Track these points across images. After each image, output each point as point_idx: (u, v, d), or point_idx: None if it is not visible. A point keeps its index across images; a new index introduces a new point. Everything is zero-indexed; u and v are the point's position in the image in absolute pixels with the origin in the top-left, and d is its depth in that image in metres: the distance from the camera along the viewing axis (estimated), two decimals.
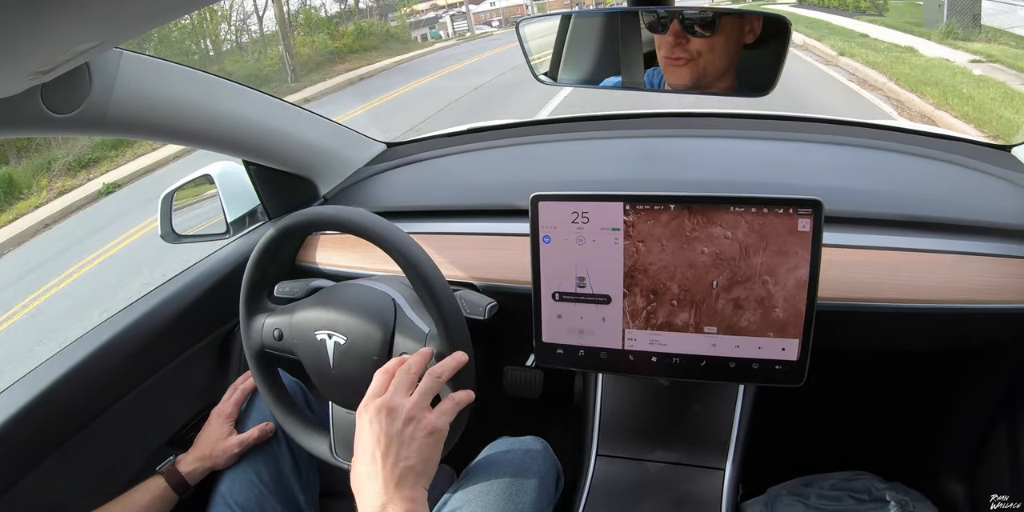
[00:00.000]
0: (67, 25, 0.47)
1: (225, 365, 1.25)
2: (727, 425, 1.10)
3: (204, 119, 1.01)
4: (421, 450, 0.72)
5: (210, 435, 1.05)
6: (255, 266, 0.95)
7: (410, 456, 0.71)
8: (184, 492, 1.00)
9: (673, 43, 0.85)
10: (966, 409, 1.26)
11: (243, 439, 1.03)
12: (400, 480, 0.70)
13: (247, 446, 1.03)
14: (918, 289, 0.92)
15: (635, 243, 0.89)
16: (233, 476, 1.02)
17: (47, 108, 0.75)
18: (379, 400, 0.75)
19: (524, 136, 1.40)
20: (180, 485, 0.99)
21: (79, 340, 1.03)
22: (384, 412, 0.73)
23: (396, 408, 0.73)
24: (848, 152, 1.19)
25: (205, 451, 1.03)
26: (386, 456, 0.71)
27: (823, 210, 0.82)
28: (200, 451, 1.03)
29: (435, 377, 0.77)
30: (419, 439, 0.72)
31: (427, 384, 0.76)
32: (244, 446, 1.03)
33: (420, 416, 0.74)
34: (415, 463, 0.71)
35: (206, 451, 1.03)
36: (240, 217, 1.31)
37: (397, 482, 0.69)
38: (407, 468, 0.70)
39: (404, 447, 0.71)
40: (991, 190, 1.06)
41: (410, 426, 0.72)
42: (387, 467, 0.70)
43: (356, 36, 16.90)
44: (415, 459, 0.71)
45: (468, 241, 1.12)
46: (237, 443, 1.03)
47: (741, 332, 0.89)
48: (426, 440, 0.73)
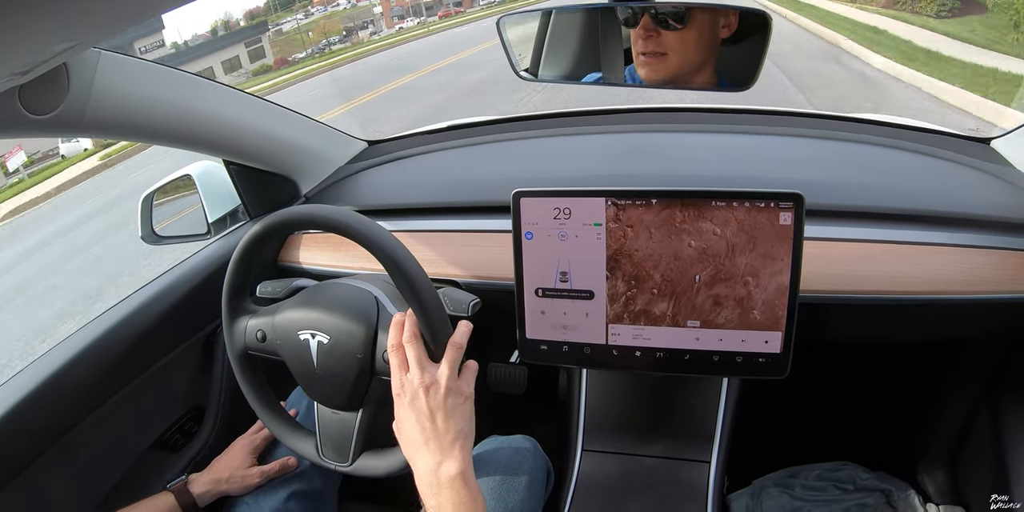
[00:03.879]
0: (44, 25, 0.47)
1: (209, 366, 1.24)
2: (712, 418, 1.10)
3: (184, 119, 1.00)
4: (464, 415, 0.78)
5: (231, 461, 1.04)
6: (237, 266, 0.94)
7: (458, 422, 0.77)
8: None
9: (644, 37, 0.85)
10: (949, 399, 1.28)
11: (265, 471, 1.03)
12: (452, 443, 0.76)
13: (267, 478, 1.03)
14: (899, 281, 0.93)
15: (623, 227, 0.88)
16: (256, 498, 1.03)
17: (25, 110, 0.74)
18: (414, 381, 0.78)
19: (505, 132, 1.40)
20: (190, 505, 0.98)
21: (60, 344, 1.02)
22: (423, 391, 0.77)
23: (434, 384, 0.78)
24: (829, 146, 1.19)
25: (222, 475, 1.02)
26: (435, 425, 0.76)
27: (804, 203, 0.82)
28: (216, 474, 1.02)
29: (458, 347, 0.81)
30: (460, 405, 0.78)
31: (452, 355, 0.80)
32: (265, 478, 1.03)
33: (457, 387, 0.79)
34: (462, 427, 0.77)
35: (222, 475, 1.02)
36: (221, 217, 1.29)
37: (450, 444, 0.75)
38: (457, 432, 0.76)
39: (451, 415, 0.77)
40: (971, 182, 1.07)
41: (450, 397, 0.77)
42: (440, 431, 0.76)
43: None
44: (462, 423, 0.77)
45: (450, 238, 1.11)
46: (258, 473, 1.03)
47: (719, 328, 0.89)
48: (465, 405, 0.79)
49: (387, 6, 40.51)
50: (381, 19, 40.02)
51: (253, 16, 42.60)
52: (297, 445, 0.97)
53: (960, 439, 1.26)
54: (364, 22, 39.75)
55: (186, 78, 0.99)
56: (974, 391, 1.21)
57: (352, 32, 39.64)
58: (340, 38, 38.41)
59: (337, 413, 0.93)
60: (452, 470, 0.74)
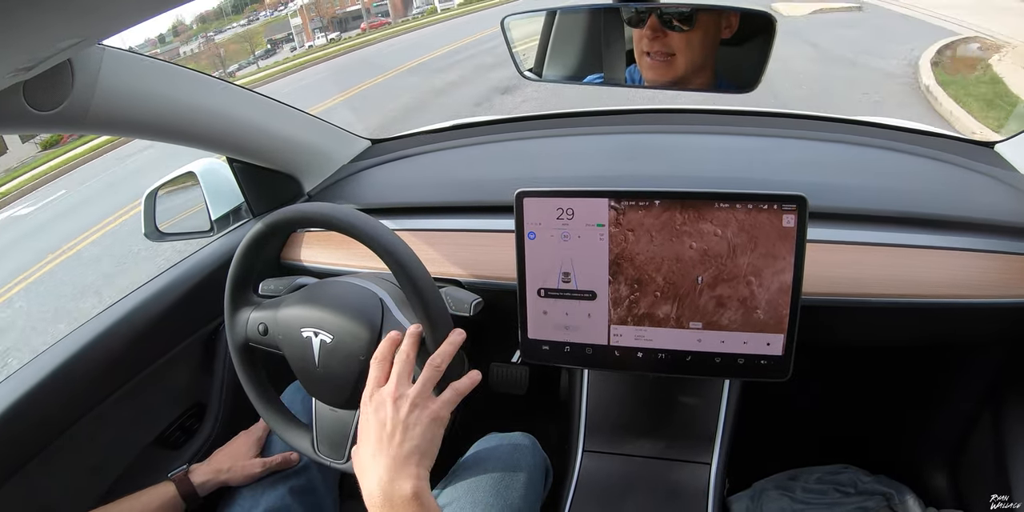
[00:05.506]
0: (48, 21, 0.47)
1: (210, 364, 1.24)
2: (713, 420, 1.10)
3: (187, 116, 1.00)
4: (425, 433, 0.74)
5: (234, 452, 1.05)
6: (240, 263, 0.94)
7: (415, 437, 0.73)
8: (193, 503, 0.99)
9: (651, 37, 0.85)
10: (950, 403, 1.28)
11: (267, 462, 1.04)
12: (406, 458, 0.72)
13: (269, 470, 1.04)
14: (903, 284, 0.93)
15: (624, 231, 0.88)
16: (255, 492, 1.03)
17: (29, 105, 0.74)
18: (384, 391, 0.76)
19: (509, 132, 1.40)
20: (190, 495, 0.98)
21: (63, 339, 1.02)
22: (390, 401, 0.75)
23: (401, 398, 0.75)
24: (832, 148, 1.19)
25: (223, 465, 1.02)
26: (391, 438, 0.73)
27: (807, 206, 0.82)
28: (217, 464, 1.03)
29: (435, 367, 0.78)
30: (423, 423, 0.74)
31: (428, 374, 0.77)
32: (266, 469, 1.04)
33: (424, 404, 0.76)
34: (419, 443, 0.73)
35: (224, 465, 1.02)
36: (224, 215, 1.30)
37: (404, 460, 0.72)
38: (412, 447, 0.72)
39: (409, 430, 0.73)
40: (974, 186, 1.06)
41: (415, 413, 0.74)
42: (393, 447, 0.72)
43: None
44: (419, 440, 0.73)
45: (453, 238, 1.11)
46: (260, 464, 1.03)
47: (722, 330, 0.89)
48: (430, 425, 0.75)
49: (306, 16, 37.72)
50: (301, 32, 37.33)
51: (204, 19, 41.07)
52: (293, 440, 0.97)
53: (961, 443, 1.26)
54: (288, 35, 37.33)
55: (191, 75, 1.00)
56: (975, 395, 1.21)
57: (277, 45, 37.97)
58: (265, 52, 37.00)
59: (335, 411, 0.93)
60: (406, 489, 0.69)
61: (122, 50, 0.85)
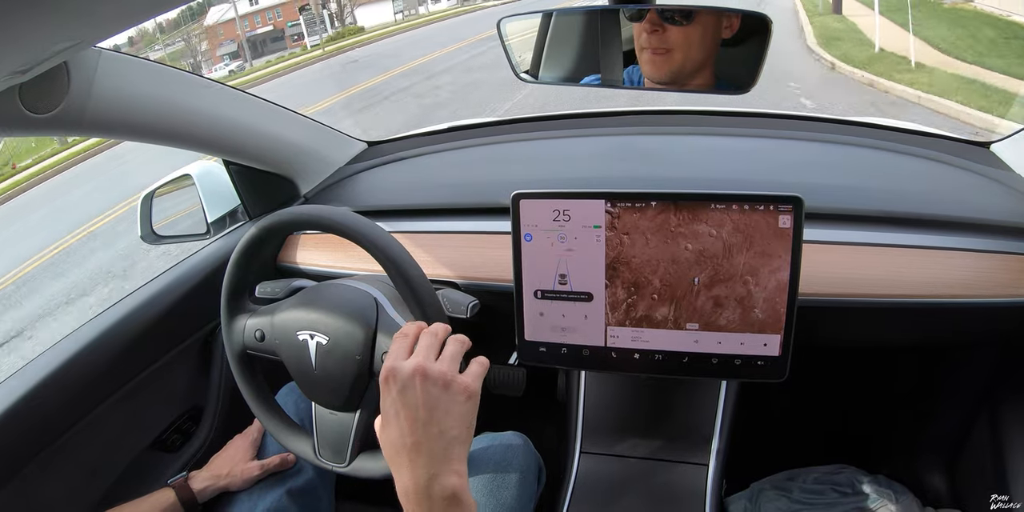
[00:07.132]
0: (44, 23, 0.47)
1: (207, 366, 1.24)
2: (710, 421, 1.10)
3: (184, 118, 1.00)
4: (463, 417, 0.67)
5: (231, 456, 1.05)
6: (236, 266, 0.94)
7: (455, 426, 0.66)
8: (192, 509, 0.99)
9: (650, 31, 0.85)
10: (947, 403, 1.28)
11: (264, 464, 1.04)
12: (445, 451, 0.64)
13: (267, 472, 1.04)
14: (899, 284, 0.93)
15: (619, 235, 0.88)
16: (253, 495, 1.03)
17: (25, 108, 0.74)
18: (410, 364, 0.68)
19: (505, 134, 1.40)
20: (190, 501, 0.98)
21: (59, 343, 1.02)
22: (419, 377, 0.66)
23: (431, 372, 0.67)
24: (828, 149, 1.19)
25: (222, 470, 1.02)
26: (429, 425, 0.65)
27: (804, 207, 0.82)
28: (216, 469, 1.03)
29: (460, 342, 0.73)
30: (459, 404, 0.67)
31: (454, 348, 0.71)
32: (264, 471, 1.03)
33: (455, 380, 0.68)
34: (459, 433, 0.66)
35: (223, 470, 1.02)
36: (220, 217, 1.30)
37: (443, 453, 0.64)
38: (453, 438, 0.65)
39: (447, 415, 0.66)
40: (970, 186, 1.07)
41: (448, 391, 0.67)
42: (431, 437, 0.65)
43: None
44: (459, 428, 0.66)
45: (450, 240, 1.11)
46: (258, 467, 1.03)
47: (720, 330, 0.89)
48: (465, 405, 0.67)
49: (215, 41, 31.67)
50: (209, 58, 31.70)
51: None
52: (294, 445, 0.97)
53: (959, 442, 1.26)
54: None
55: (187, 78, 0.99)
56: (973, 394, 1.21)
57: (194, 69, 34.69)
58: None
59: (335, 414, 0.93)
60: (448, 487, 0.63)
61: (118, 53, 0.85)
